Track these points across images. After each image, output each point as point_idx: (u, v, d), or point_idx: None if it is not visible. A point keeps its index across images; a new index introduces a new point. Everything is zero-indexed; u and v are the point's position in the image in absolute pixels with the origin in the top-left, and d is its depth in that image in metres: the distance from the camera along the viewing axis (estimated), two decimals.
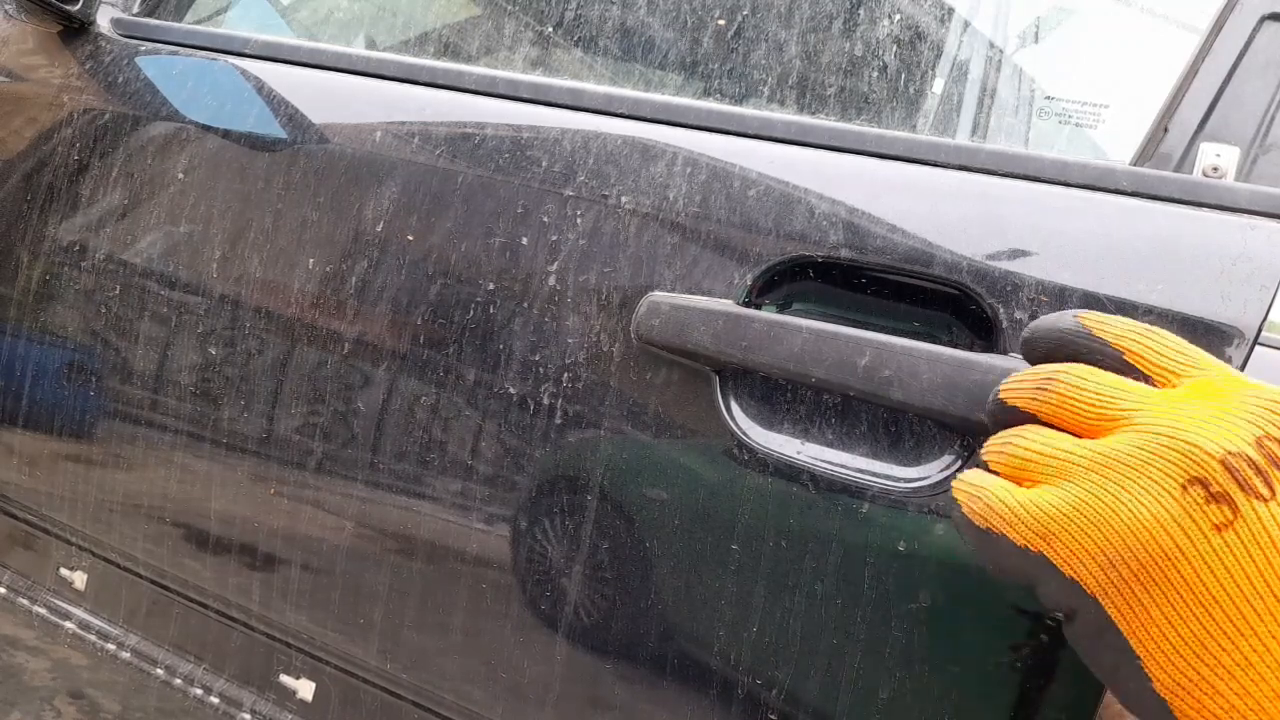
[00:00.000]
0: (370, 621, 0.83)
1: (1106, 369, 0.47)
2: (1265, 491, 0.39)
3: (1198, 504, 0.39)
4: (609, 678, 0.75)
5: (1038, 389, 0.47)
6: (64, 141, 1.00)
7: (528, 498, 0.76)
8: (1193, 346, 0.46)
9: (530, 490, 0.76)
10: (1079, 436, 0.45)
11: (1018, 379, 0.48)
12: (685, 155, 0.75)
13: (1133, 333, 0.47)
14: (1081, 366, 0.46)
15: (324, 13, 1.38)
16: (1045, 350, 0.50)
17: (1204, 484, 0.40)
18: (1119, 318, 0.48)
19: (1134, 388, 0.44)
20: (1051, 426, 0.46)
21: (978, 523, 0.45)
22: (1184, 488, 0.40)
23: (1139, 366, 0.46)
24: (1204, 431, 0.40)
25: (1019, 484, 0.46)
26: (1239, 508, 0.39)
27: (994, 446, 0.47)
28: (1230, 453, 0.39)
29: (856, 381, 0.64)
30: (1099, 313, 0.49)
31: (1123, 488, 0.41)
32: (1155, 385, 0.45)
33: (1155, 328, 0.47)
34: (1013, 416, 0.48)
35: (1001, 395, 0.49)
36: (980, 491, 0.45)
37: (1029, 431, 0.46)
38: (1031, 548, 0.43)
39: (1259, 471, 0.39)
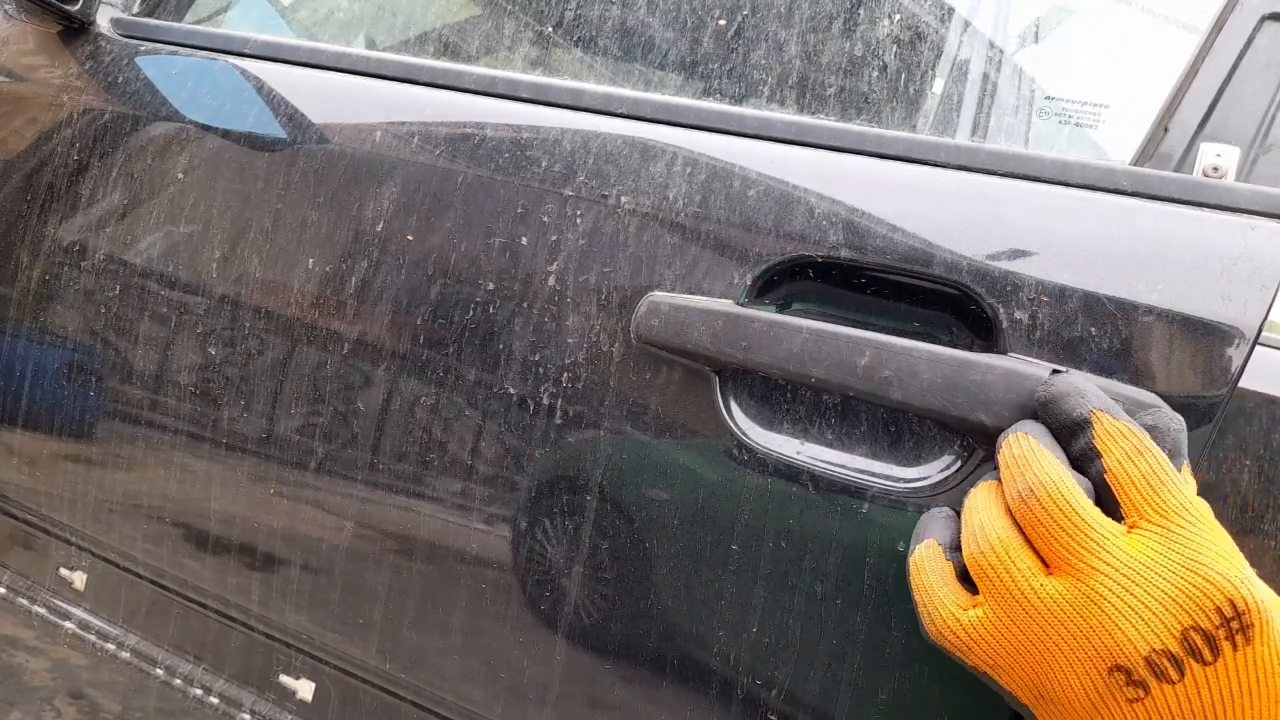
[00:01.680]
0: (370, 621, 0.83)
1: (1090, 476, 0.54)
2: (1175, 676, 0.48)
3: (1118, 685, 0.49)
4: (609, 678, 0.75)
5: (1020, 497, 0.54)
6: (64, 141, 1.00)
7: (527, 498, 0.76)
8: (1169, 475, 0.52)
9: (530, 490, 0.76)
10: (1037, 553, 0.53)
11: (1016, 447, 0.55)
12: (685, 155, 0.74)
13: (1125, 458, 0.52)
14: (1063, 486, 0.52)
15: (324, 13, 1.38)
16: (1053, 420, 0.56)
17: (1127, 672, 0.49)
18: (1124, 427, 0.53)
19: (1096, 535, 0.51)
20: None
21: (933, 637, 0.55)
22: (1110, 670, 0.49)
23: (1114, 492, 0.53)
24: (1135, 629, 0.49)
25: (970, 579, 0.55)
26: (1151, 689, 0.48)
27: (974, 543, 0.55)
28: (1155, 650, 0.48)
29: (856, 381, 0.64)
30: (1110, 417, 0.54)
31: (1060, 650, 0.51)
32: (1123, 518, 0.52)
33: (1147, 448, 0.53)
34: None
35: (1000, 453, 0.57)
36: (932, 606, 0.55)
37: (996, 546, 0.54)
38: (979, 669, 0.54)
39: (1174, 662, 0.48)
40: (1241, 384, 0.59)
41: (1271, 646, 0.47)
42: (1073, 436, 0.55)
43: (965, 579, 0.56)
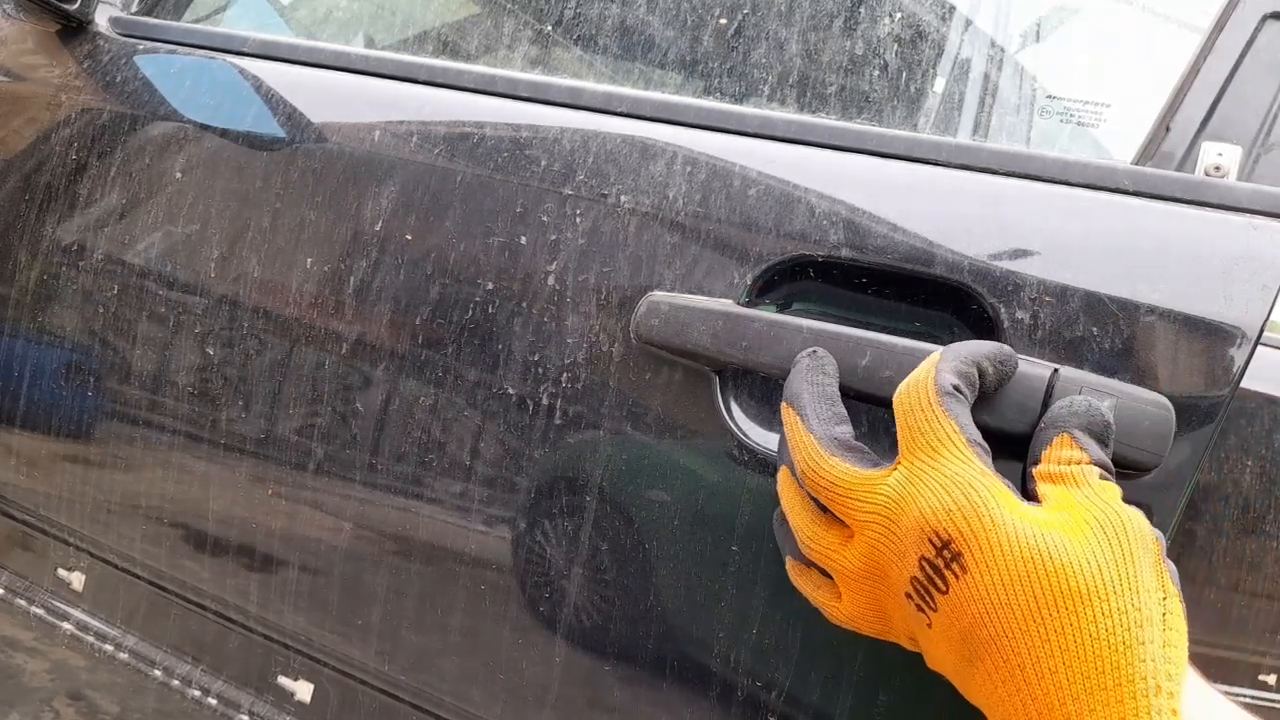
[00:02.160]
0: (369, 623, 0.83)
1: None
2: (930, 605, 0.49)
3: (913, 611, 0.51)
4: (608, 679, 0.74)
5: (801, 475, 0.57)
6: (62, 141, 1.00)
7: (527, 498, 0.76)
8: (923, 414, 0.53)
9: (529, 491, 0.76)
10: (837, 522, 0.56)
11: (785, 425, 0.59)
12: (685, 154, 0.74)
13: (898, 395, 0.55)
14: (816, 454, 0.55)
15: (323, 12, 1.37)
16: None
17: (911, 598, 0.51)
18: (918, 370, 0.55)
19: (849, 484, 0.54)
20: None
21: (837, 624, 0.58)
22: (904, 597, 0.51)
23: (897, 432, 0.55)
24: (896, 563, 0.52)
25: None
26: (928, 614, 0.50)
27: (800, 544, 0.58)
28: (911, 576, 0.50)
29: (857, 382, 0.64)
30: (919, 368, 0.55)
31: (884, 600, 0.54)
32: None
33: (917, 380, 0.54)
34: None
35: None
36: (819, 607, 0.59)
37: (807, 539, 0.57)
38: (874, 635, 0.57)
39: (922, 589, 0.50)
40: (1243, 384, 0.59)
41: (992, 573, 0.46)
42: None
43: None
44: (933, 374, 0.53)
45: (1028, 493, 0.53)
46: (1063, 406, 0.54)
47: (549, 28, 0.98)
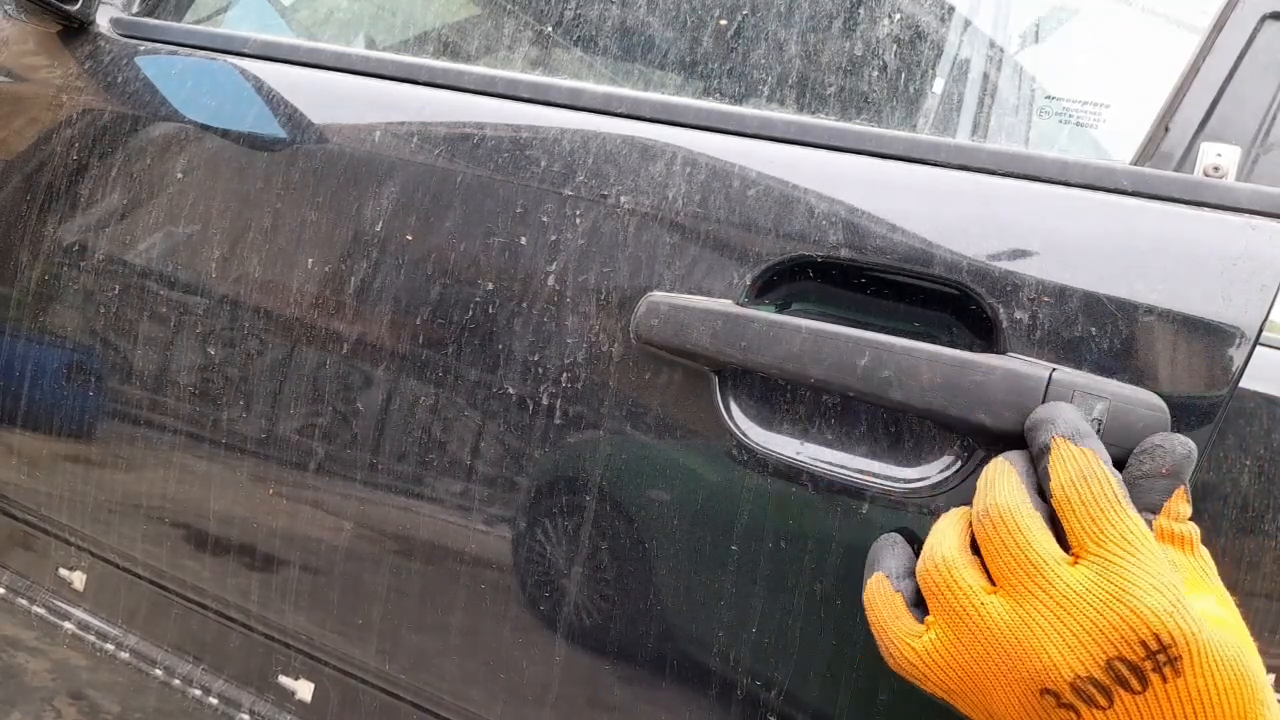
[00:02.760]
0: (369, 622, 0.83)
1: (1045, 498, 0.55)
2: (1104, 703, 0.49)
3: (1050, 707, 0.51)
4: (608, 678, 0.75)
5: (978, 516, 0.56)
6: (64, 142, 1.00)
7: (527, 498, 0.76)
8: (1111, 502, 0.52)
9: (529, 490, 0.76)
10: (986, 568, 0.55)
11: (991, 470, 0.57)
12: (684, 155, 0.74)
13: (1068, 483, 0.53)
14: (1015, 507, 0.54)
15: (324, 13, 1.38)
16: (1031, 446, 0.58)
17: (1056, 695, 0.50)
18: (1077, 451, 0.54)
19: (1036, 559, 0.53)
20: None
21: (893, 669, 0.57)
22: (1040, 693, 0.51)
23: (1060, 518, 0.54)
24: (1060, 655, 0.50)
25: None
26: (1081, 712, 0.50)
27: (926, 562, 0.57)
28: (1080, 677, 0.50)
29: (856, 382, 0.64)
30: (1069, 443, 0.55)
31: (998, 670, 0.52)
32: (1067, 546, 0.53)
33: (1094, 473, 0.53)
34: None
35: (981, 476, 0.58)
36: (887, 639, 0.57)
37: (944, 562, 0.55)
38: (938, 695, 0.55)
39: (1102, 689, 0.49)
40: (1242, 384, 0.59)
41: (1205, 678, 0.48)
42: (1039, 462, 0.56)
43: (920, 605, 0.58)
44: (1106, 467, 0.53)
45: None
46: (1184, 456, 0.55)
47: (549, 29, 0.98)
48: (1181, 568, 0.53)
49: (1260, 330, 0.59)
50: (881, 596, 0.59)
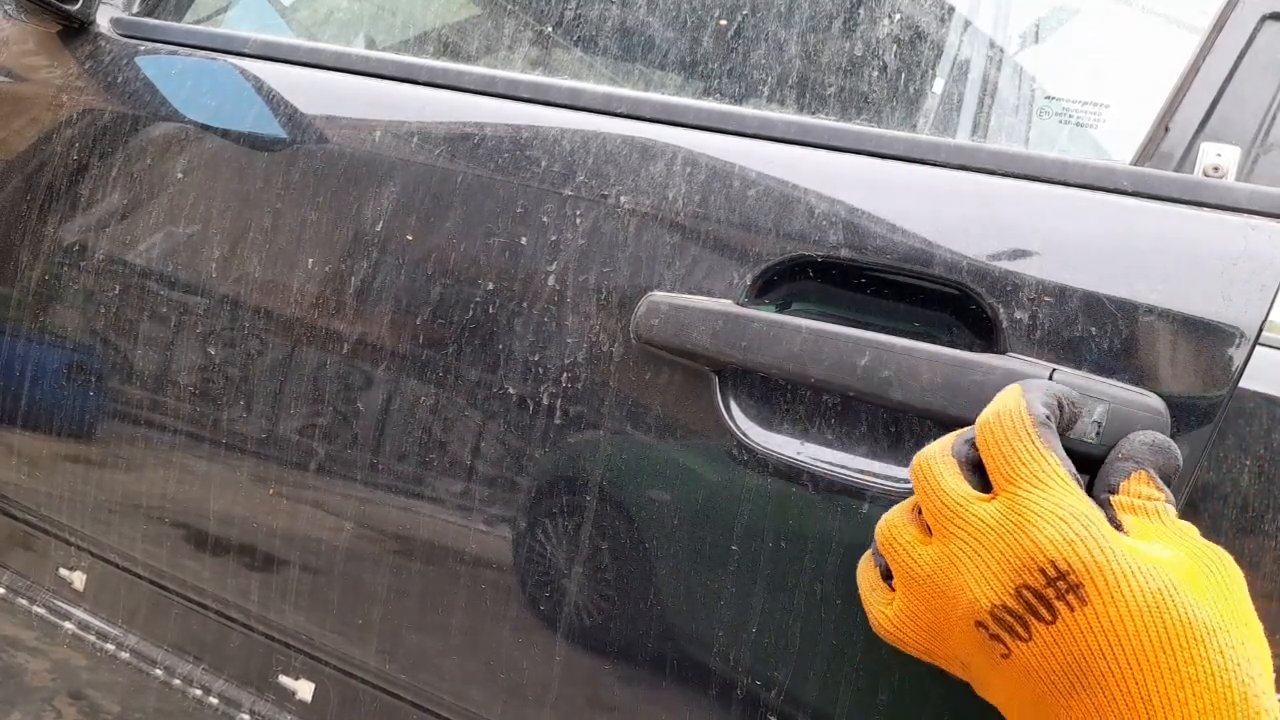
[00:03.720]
0: (369, 622, 0.83)
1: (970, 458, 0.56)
2: (1024, 634, 0.50)
3: (985, 639, 0.52)
4: (608, 678, 0.75)
5: (911, 471, 0.58)
6: (64, 142, 1.00)
7: (527, 498, 0.76)
8: (1023, 443, 0.53)
9: (529, 490, 0.76)
10: (923, 525, 0.57)
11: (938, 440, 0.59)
12: (685, 155, 0.74)
13: (984, 423, 0.55)
14: (932, 459, 0.56)
15: (324, 13, 1.38)
16: None
17: (984, 627, 0.51)
18: (1005, 394, 0.55)
19: (951, 501, 0.54)
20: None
21: (880, 636, 0.58)
22: (974, 626, 0.52)
23: (984, 461, 0.55)
24: (978, 587, 0.52)
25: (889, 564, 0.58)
26: (1009, 645, 0.51)
27: (877, 526, 0.59)
28: (996, 606, 0.51)
29: (856, 382, 0.64)
30: (1004, 392, 0.56)
31: (942, 612, 0.54)
32: (990, 487, 0.55)
33: (1009, 411, 0.54)
34: None
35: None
36: (868, 610, 0.59)
37: (887, 524, 0.58)
38: (924, 659, 0.57)
39: (1018, 619, 0.50)
40: (1242, 384, 0.59)
41: (1115, 607, 0.47)
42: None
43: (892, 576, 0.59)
44: (1024, 404, 0.53)
45: None
46: (1144, 444, 0.55)
47: (549, 29, 0.98)
48: (1140, 530, 0.52)
49: (1260, 330, 0.59)
50: (863, 574, 0.61)
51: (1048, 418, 0.54)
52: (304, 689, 0.89)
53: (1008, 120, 0.89)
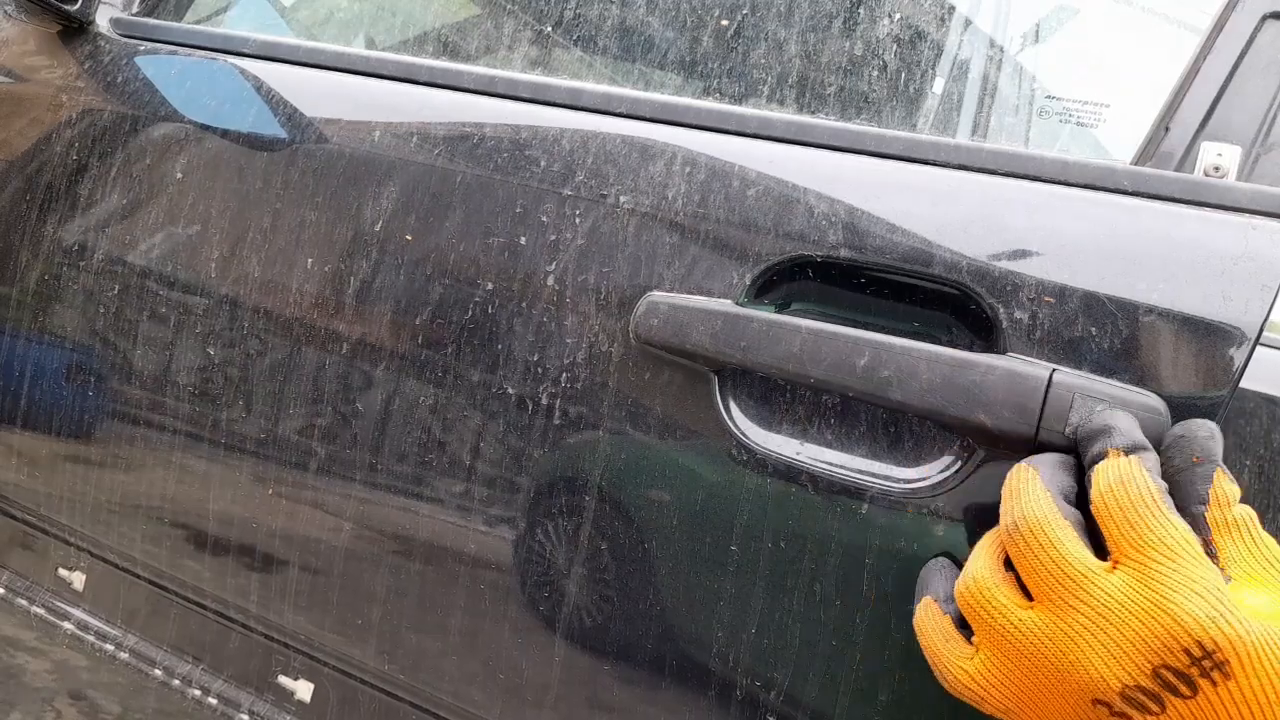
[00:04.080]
0: (369, 622, 0.83)
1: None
2: (1155, 709, 0.49)
3: (1105, 716, 0.50)
4: (608, 679, 0.74)
5: (1008, 530, 0.55)
6: (64, 142, 1.00)
7: (526, 498, 0.76)
8: (1149, 507, 0.51)
9: (529, 491, 0.76)
10: (1023, 585, 0.54)
11: (1014, 480, 0.56)
12: (684, 154, 0.74)
13: (1106, 489, 0.53)
14: (1046, 519, 0.53)
15: (324, 13, 1.37)
16: (1083, 454, 0.57)
17: (1108, 705, 0.50)
18: (1119, 460, 0.53)
19: (1073, 571, 0.52)
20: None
21: (951, 691, 0.56)
22: (1092, 704, 0.51)
23: (1099, 525, 0.53)
24: (1107, 667, 0.50)
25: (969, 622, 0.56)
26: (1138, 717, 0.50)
27: (961, 583, 0.56)
28: (1128, 686, 0.50)
29: (855, 382, 0.64)
30: (1119, 452, 0.54)
31: (1047, 684, 0.52)
32: (1105, 553, 0.53)
33: (1131, 476, 0.52)
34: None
35: (1004, 484, 0.57)
36: (941, 664, 0.57)
37: (975, 583, 0.55)
38: (999, 715, 0.55)
39: (1152, 697, 0.49)
40: (1242, 384, 0.59)
41: (1258, 679, 0.47)
42: (1089, 472, 0.56)
43: (968, 627, 0.57)
44: (1143, 472, 0.52)
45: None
46: (1207, 438, 0.54)
47: (549, 29, 0.98)
48: (1237, 562, 0.52)
49: (1261, 330, 0.59)
50: (930, 621, 0.58)
51: (1164, 486, 0.53)
52: (303, 689, 0.89)
53: (1008, 120, 0.89)
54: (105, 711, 1.04)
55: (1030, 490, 0.55)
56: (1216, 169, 0.65)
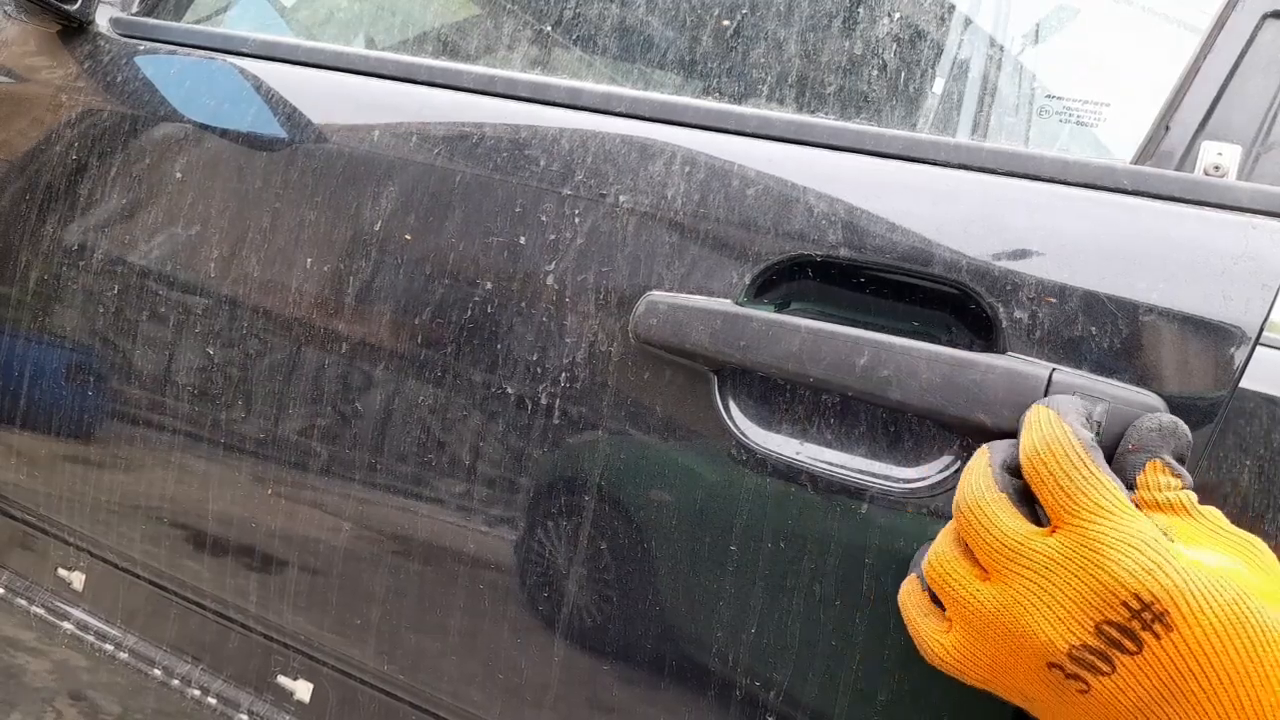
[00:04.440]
0: (368, 622, 0.83)
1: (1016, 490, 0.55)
2: (1106, 668, 0.49)
3: (1060, 679, 0.51)
4: (607, 679, 0.74)
5: (955, 511, 0.56)
6: (64, 142, 1.00)
7: (525, 498, 0.76)
8: (1079, 470, 0.52)
9: (528, 491, 0.76)
10: (974, 560, 0.55)
11: (971, 461, 0.57)
12: (684, 154, 0.74)
13: (1034, 453, 0.53)
14: (981, 494, 0.54)
15: (324, 13, 1.38)
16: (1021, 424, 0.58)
17: (1060, 668, 0.51)
18: (1040, 415, 0.54)
19: (1010, 540, 0.53)
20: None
21: (933, 664, 0.57)
22: (1048, 667, 0.51)
23: (1033, 491, 0.54)
24: (1052, 628, 0.51)
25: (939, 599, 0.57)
26: (1089, 681, 0.50)
27: (925, 561, 0.58)
28: (1074, 646, 0.50)
29: (855, 381, 0.64)
30: (1038, 407, 0.55)
31: (1007, 652, 0.53)
32: (1046, 519, 0.53)
33: (1057, 439, 0.53)
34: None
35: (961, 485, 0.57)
36: (919, 638, 0.58)
37: (938, 559, 0.56)
38: (980, 686, 0.56)
39: (1099, 655, 0.49)
40: (1242, 384, 0.59)
41: (1200, 628, 0.47)
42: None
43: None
44: (1069, 431, 0.53)
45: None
46: (1152, 430, 0.54)
47: (548, 28, 0.98)
48: (1176, 529, 0.51)
49: (1261, 330, 0.59)
50: (910, 596, 0.59)
51: (1092, 439, 0.53)
52: (302, 689, 0.89)
53: (1008, 119, 0.89)
54: (105, 711, 1.04)
55: (973, 469, 0.56)
56: (1216, 168, 0.65)
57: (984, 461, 0.56)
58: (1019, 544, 0.53)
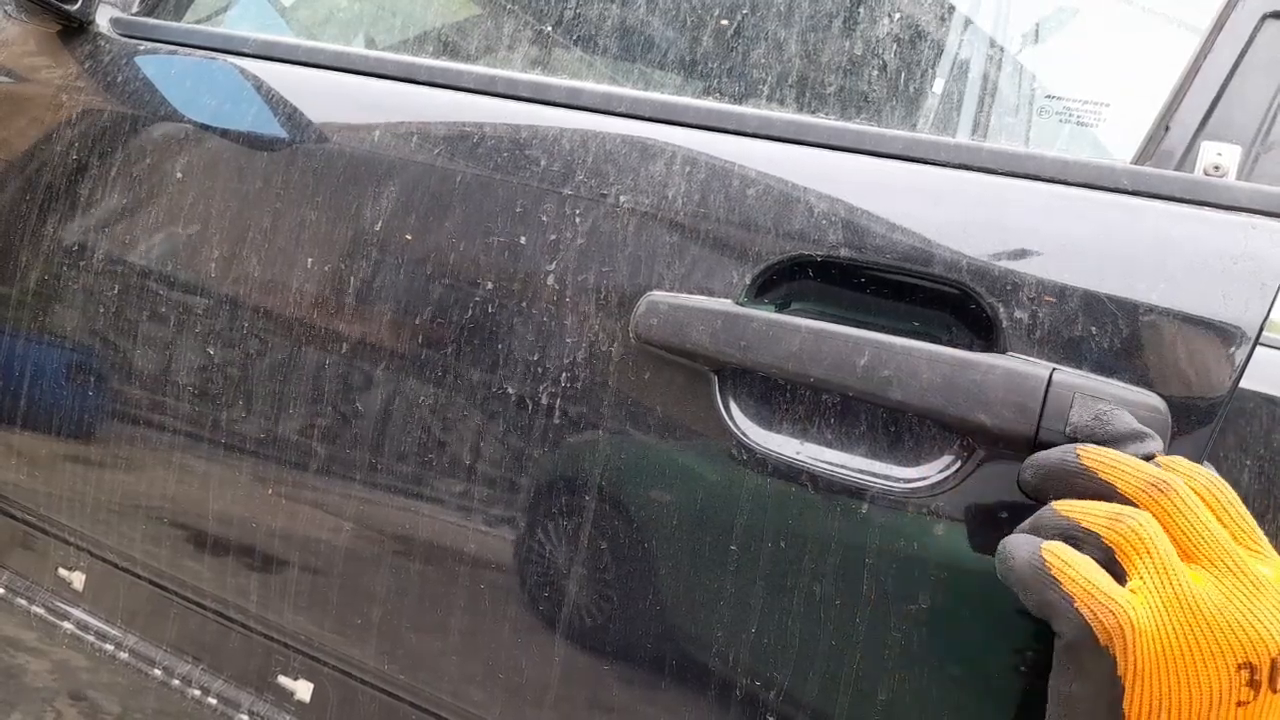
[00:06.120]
0: (369, 622, 0.83)
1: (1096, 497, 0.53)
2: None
3: (1240, 684, 0.49)
4: (608, 679, 0.74)
5: (1152, 485, 0.53)
6: (64, 142, 1.00)
7: (526, 498, 0.76)
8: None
9: (528, 490, 0.76)
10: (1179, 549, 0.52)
11: (1115, 460, 0.54)
12: (684, 154, 0.74)
13: (1223, 495, 0.53)
14: (1191, 486, 0.53)
15: (324, 13, 1.38)
16: (1039, 483, 0.56)
17: (1251, 669, 0.49)
18: (1207, 478, 0.54)
19: (1225, 539, 0.52)
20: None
21: (1101, 639, 0.51)
22: (1238, 667, 0.49)
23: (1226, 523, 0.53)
24: (1268, 627, 0.49)
25: (1112, 561, 0.52)
26: (1260, 693, 0.48)
27: (1106, 518, 0.53)
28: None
29: (855, 381, 0.64)
30: (1096, 450, 0.54)
31: (1199, 642, 0.50)
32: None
33: (1122, 459, 0.53)
34: (1087, 488, 0.55)
35: (1086, 462, 0.55)
36: (1093, 603, 0.51)
37: (1149, 524, 0.52)
38: (1117, 675, 0.51)
39: None
40: (1242, 384, 0.59)
41: None
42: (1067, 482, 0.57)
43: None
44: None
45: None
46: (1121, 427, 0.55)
47: (549, 28, 0.98)
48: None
49: (1260, 330, 0.59)
50: (1077, 558, 0.53)
51: None
52: (303, 689, 0.89)
53: (1008, 119, 0.89)
54: (105, 711, 1.04)
55: (1176, 463, 0.55)
56: (1216, 168, 0.65)
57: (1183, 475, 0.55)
58: (1235, 546, 0.53)
